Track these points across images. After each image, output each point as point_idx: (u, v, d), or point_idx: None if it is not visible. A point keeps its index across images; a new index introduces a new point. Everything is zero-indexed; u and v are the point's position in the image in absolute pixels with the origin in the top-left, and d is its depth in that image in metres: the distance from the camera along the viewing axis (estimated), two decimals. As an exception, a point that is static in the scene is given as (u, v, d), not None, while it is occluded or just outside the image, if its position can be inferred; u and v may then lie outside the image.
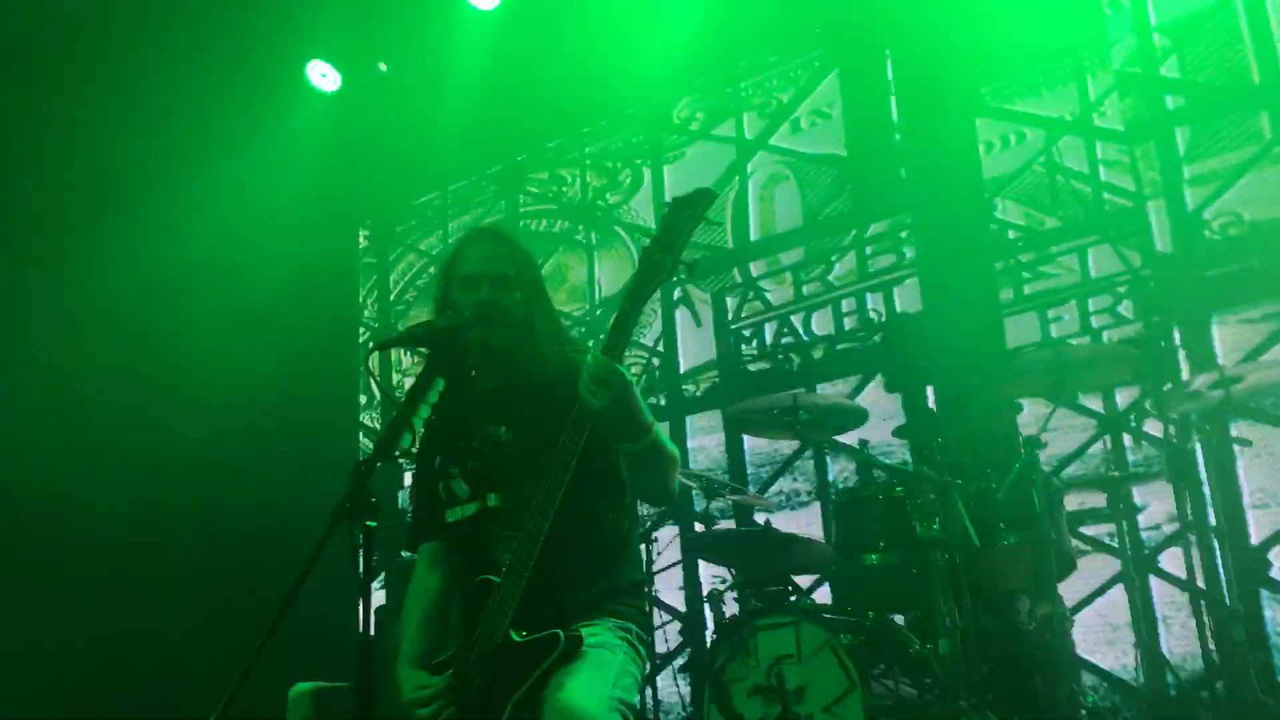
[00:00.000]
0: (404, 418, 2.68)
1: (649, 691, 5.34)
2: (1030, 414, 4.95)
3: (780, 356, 6.19)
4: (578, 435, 2.64)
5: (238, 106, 6.41)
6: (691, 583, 5.82)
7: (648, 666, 2.92)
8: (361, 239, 7.97)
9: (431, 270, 7.60)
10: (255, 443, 6.33)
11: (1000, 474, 4.19)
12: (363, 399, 7.47)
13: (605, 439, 2.68)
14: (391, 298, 7.78)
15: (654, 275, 2.57)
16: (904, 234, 6.02)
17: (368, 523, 2.42)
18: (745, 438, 6.08)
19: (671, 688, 5.57)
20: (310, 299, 6.64)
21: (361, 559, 2.37)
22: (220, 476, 6.19)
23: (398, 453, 2.62)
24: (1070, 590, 4.59)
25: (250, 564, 5.62)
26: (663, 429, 2.78)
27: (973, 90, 5.90)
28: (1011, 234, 5.73)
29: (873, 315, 6.00)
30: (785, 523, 5.13)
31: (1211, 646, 4.21)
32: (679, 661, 5.73)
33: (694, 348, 6.50)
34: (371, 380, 6.62)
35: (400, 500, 7.30)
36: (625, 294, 2.62)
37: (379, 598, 6.10)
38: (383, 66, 6.81)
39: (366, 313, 7.82)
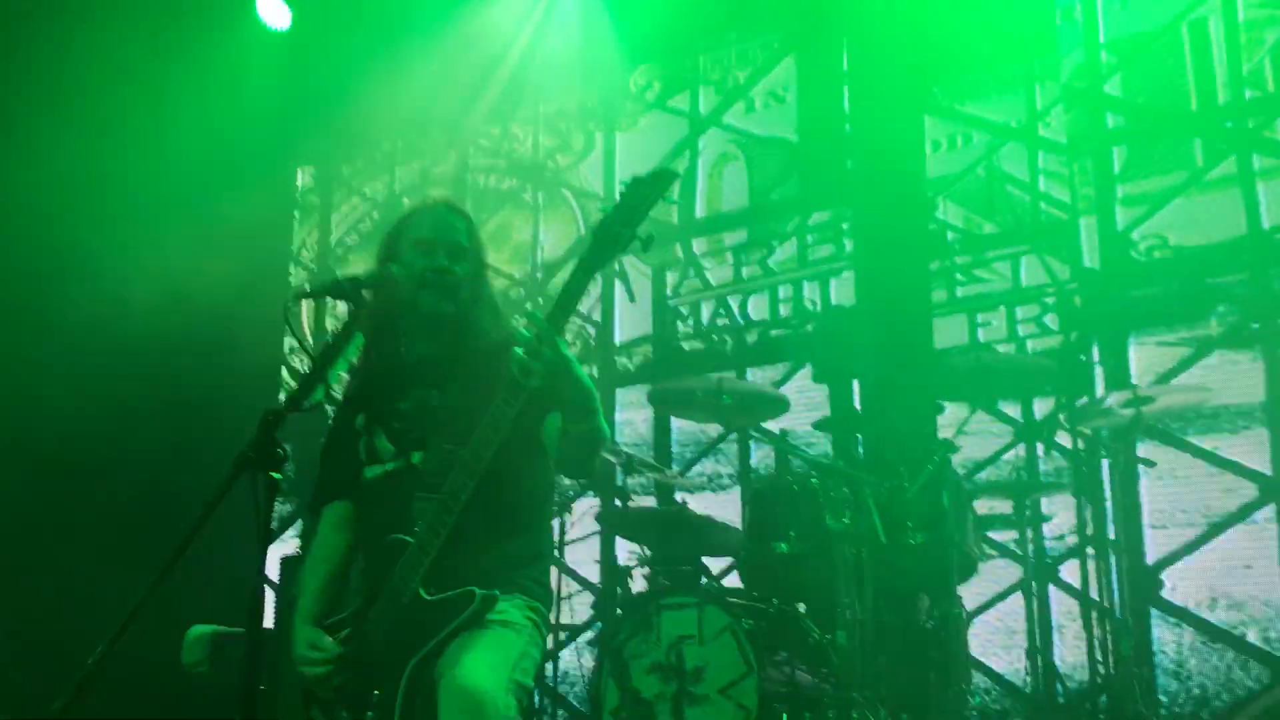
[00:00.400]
0: (319, 370, 2.65)
1: (551, 665, 5.36)
2: (950, 415, 5.03)
3: (715, 338, 6.21)
4: (512, 402, 2.63)
5: (185, 36, 6.26)
6: (608, 557, 5.84)
7: (548, 647, 2.93)
8: (303, 178, 7.83)
9: (375, 216, 7.51)
10: (172, 382, 6.20)
11: (914, 473, 4.26)
12: (292, 344, 7.37)
13: (538, 409, 2.68)
14: (332, 241, 7.67)
15: (609, 248, 2.57)
16: (845, 225, 6.05)
17: (272, 473, 2.39)
18: (673, 417, 6.10)
19: (574, 659, 5.59)
20: (242, 235, 6.50)
21: (263, 501, 2.34)
22: (132, 414, 6.03)
23: (308, 405, 2.59)
24: (971, 593, 4.69)
25: (159, 511, 5.49)
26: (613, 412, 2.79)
27: (924, 86, 5.93)
28: (950, 235, 5.78)
29: (808, 304, 6.04)
30: (705, 505, 5.16)
31: (1100, 658, 4.33)
32: (587, 635, 5.75)
33: (630, 320, 6.49)
34: (291, 327, 6.51)
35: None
36: (576, 265, 2.61)
37: (292, 546, 6.05)
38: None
39: (305, 253, 7.70)
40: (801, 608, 4.36)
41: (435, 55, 6.55)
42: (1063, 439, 5.19)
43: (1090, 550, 4.52)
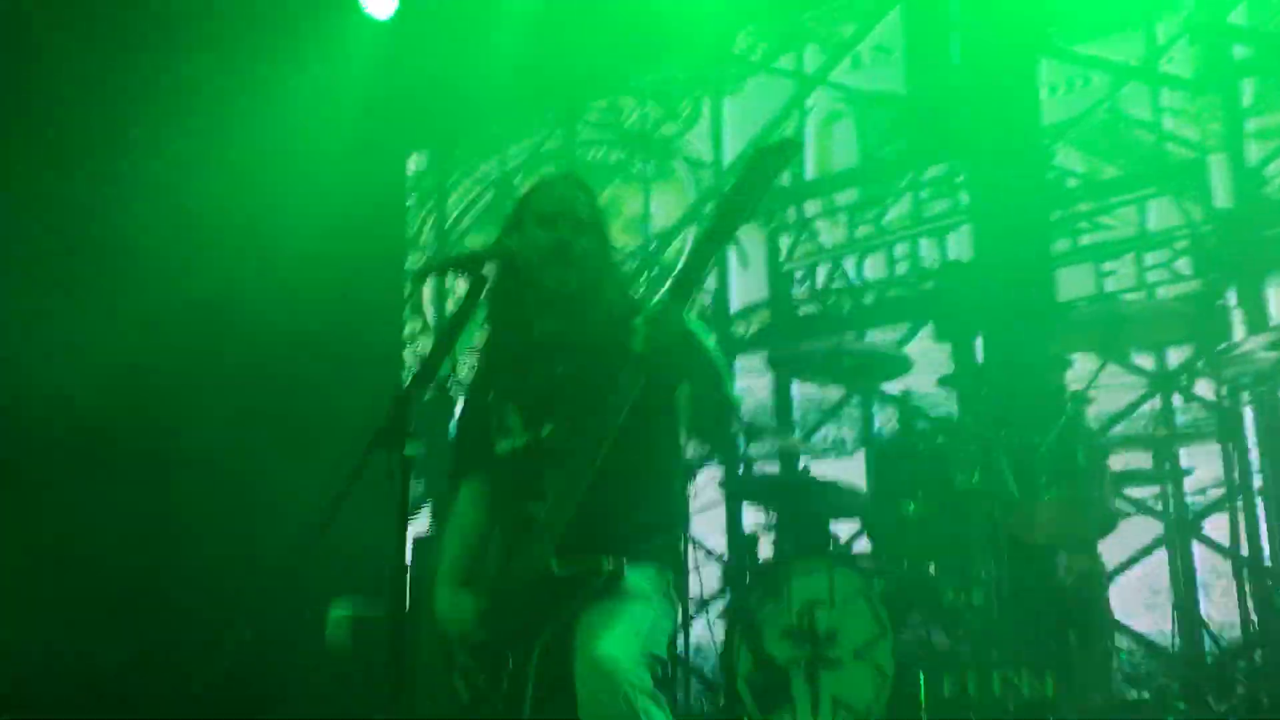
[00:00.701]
0: (444, 346, 2.69)
1: (682, 637, 5.36)
2: (1080, 369, 4.88)
3: (832, 300, 6.12)
4: (637, 374, 2.64)
5: (291, 29, 6.37)
6: (734, 526, 5.82)
7: (679, 618, 2.95)
8: (414, 163, 7.91)
9: (488, 196, 7.57)
10: (299, 367, 6.34)
11: (1044, 428, 4.14)
12: (414, 326, 7.50)
13: (668, 380, 2.68)
14: (448, 224, 7.76)
15: (734, 219, 2.57)
16: (960, 178, 5.90)
17: (405, 452, 2.43)
18: (793, 382, 6.04)
19: (705, 631, 5.59)
20: (357, 221, 6.60)
21: (399, 478, 2.39)
22: (263, 398, 6.18)
23: (437, 381, 2.64)
24: (1111, 552, 4.53)
25: (292, 491, 5.62)
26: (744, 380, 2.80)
27: (1038, 29, 5.73)
28: (1071, 182, 5.59)
29: (926, 262, 5.91)
30: (829, 470, 5.11)
31: (1252, 615, 4.16)
32: (717, 605, 5.75)
33: (745, 287, 6.44)
34: (414, 306, 6.62)
35: (451, 430, 7.34)
36: (701, 237, 2.61)
37: (422, 526, 6.17)
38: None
39: (422, 238, 7.79)
40: (932, 569, 4.29)
41: (538, 32, 6.55)
42: (1201, 389, 5.00)
43: (1238, 502, 4.33)
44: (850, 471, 5.34)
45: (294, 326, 6.17)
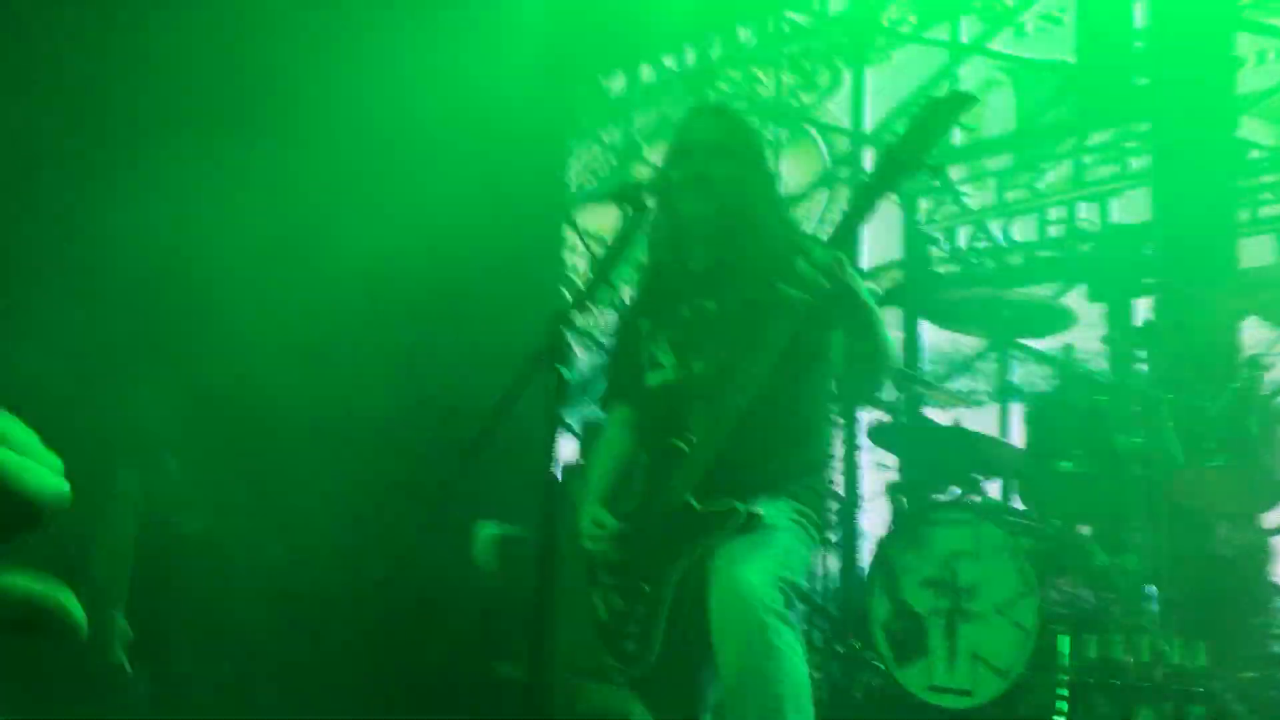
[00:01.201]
0: (603, 274, 2.74)
1: (822, 580, 5.36)
2: (1259, 336, 4.64)
3: (974, 260, 5.93)
4: (790, 318, 2.63)
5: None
6: (853, 471, 5.73)
7: (819, 548, 2.95)
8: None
9: (613, 162, 7.54)
10: (460, 298, 6.45)
11: (1216, 392, 3.97)
12: (573, 262, 7.57)
13: (819, 325, 2.68)
14: (572, 187, 7.72)
15: (895, 173, 2.53)
16: (1131, 144, 5.64)
17: (560, 368, 2.50)
18: (923, 335, 5.90)
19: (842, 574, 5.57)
20: (520, 146, 6.63)
21: (554, 400, 2.46)
22: (426, 329, 6.30)
23: (594, 307, 2.68)
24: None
25: (449, 415, 5.72)
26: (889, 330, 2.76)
27: (1232, 4, 5.43)
28: (1255, 154, 5.30)
29: (1084, 225, 5.68)
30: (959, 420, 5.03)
31: None
32: (859, 550, 5.71)
33: (877, 245, 6.29)
34: (577, 235, 6.63)
35: (606, 356, 7.42)
36: (859, 189, 2.59)
37: (570, 452, 6.28)
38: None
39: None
40: (1086, 530, 4.18)
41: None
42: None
43: None
44: (981, 424, 5.22)
45: (463, 269, 6.20)
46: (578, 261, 7.45)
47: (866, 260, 6.29)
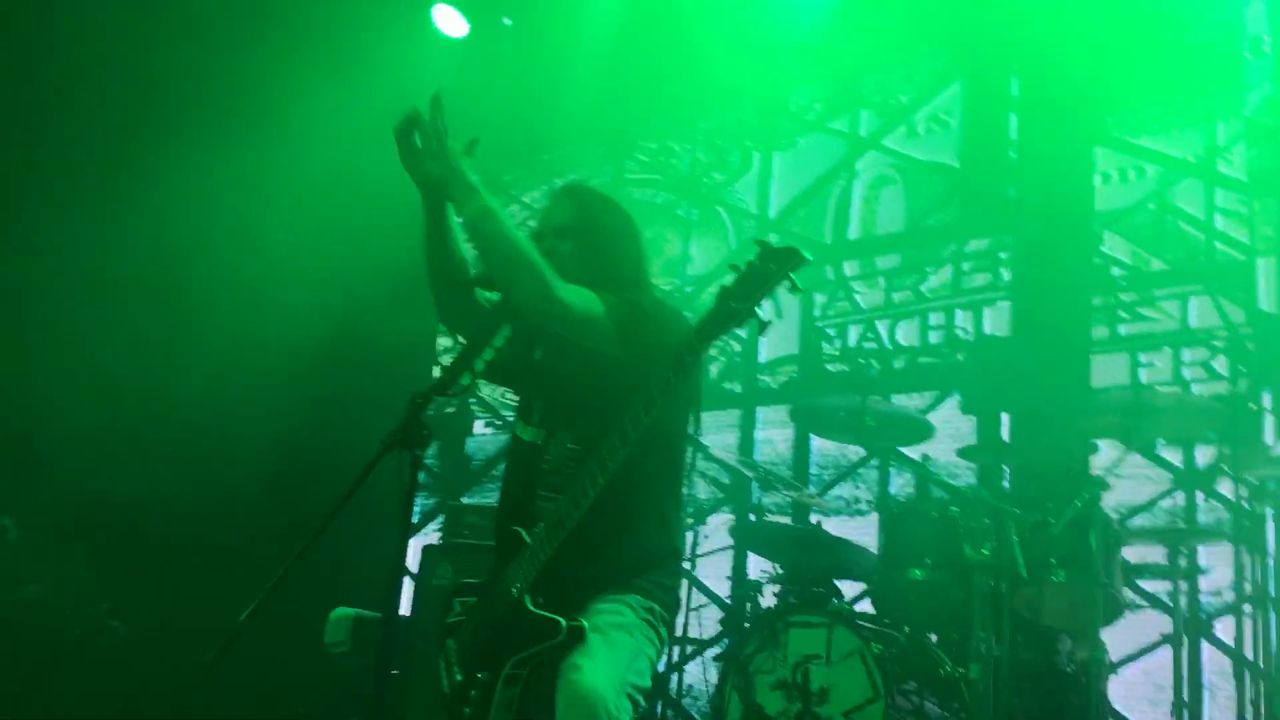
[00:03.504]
0: (466, 357, 2.72)
1: (675, 677, 5.35)
2: (1106, 456, 4.83)
3: (861, 360, 6.12)
4: (642, 417, 2.58)
5: (363, 45, 6.44)
6: (739, 572, 5.80)
7: (665, 647, 2.90)
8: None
9: (531, 223, 7.60)
10: (332, 374, 6.38)
11: (1060, 509, 4.11)
12: (446, 343, 7.55)
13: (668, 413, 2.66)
14: None
15: (725, 322, 2.46)
16: (1003, 255, 5.91)
17: (417, 452, 2.46)
18: (813, 438, 6.03)
19: (699, 673, 5.56)
20: (402, 234, 6.63)
21: (405, 486, 2.42)
22: (293, 402, 6.20)
23: (453, 390, 2.66)
24: (1119, 642, 4.48)
25: (308, 492, 5.62)
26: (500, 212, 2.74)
27: (1097, 116, 5.75)
28: (1116, 271, 5.58)
29: (960, 333, 5.90)
30: (841, 529, 5.09)
31: (1251, 720, 4.09)
32: (713, 651, 5.72)
33: (776, 339, 6.46)
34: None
35: (467, 446, 7.39)
36: (694, 329, 2.55)
37: (433, 538, 6.19)
38: (507, 21, 6.86)
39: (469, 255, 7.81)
40: (934, 638, 4.25)
41: (601, 70, 6.64)
42: (1224, 489, 4.94)
43: (1247, 607, 4.27)
44: (861, 533, 5.33)
45: (333, 333, 6.18)
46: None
47: (764, 353, 6.44)
